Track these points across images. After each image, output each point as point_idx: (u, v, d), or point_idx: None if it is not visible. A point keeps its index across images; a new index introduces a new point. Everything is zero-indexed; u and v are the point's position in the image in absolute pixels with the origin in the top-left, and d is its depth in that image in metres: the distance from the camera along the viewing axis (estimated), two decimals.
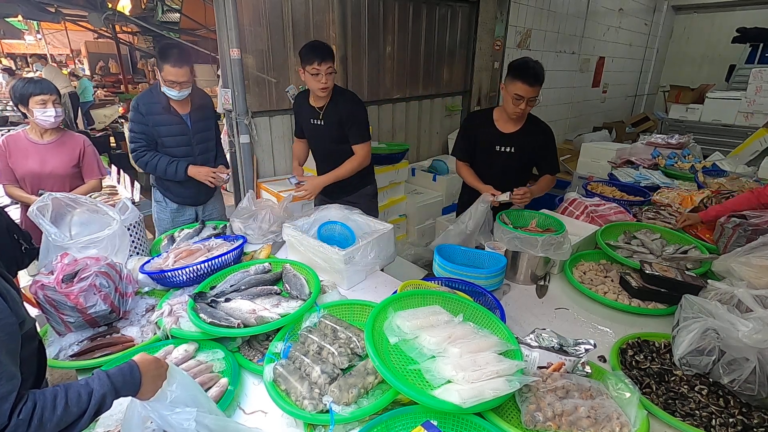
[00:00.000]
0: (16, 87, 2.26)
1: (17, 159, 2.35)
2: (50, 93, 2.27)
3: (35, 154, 2.37)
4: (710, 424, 1.17)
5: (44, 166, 2.37)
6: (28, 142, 2.37)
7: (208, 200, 2.69)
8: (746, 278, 1.58)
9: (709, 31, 9.35)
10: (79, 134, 2.58)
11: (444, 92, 5.26)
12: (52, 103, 2.28)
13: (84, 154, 2.50)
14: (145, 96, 2.35)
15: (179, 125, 2.37)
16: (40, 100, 2.24)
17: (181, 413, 0.93)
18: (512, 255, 1.94)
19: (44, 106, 2.26)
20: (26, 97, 2.23)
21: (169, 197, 2.57)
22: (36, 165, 2.36)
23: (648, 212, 2.55)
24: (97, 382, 0.89)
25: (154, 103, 2.31)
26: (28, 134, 2.39)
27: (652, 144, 4.16)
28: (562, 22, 6.57)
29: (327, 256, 1.83)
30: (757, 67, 5.64)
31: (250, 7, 3.26)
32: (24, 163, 2.36)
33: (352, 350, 1.33)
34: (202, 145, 2.48)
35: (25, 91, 2.23)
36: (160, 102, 2.30)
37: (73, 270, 1.46)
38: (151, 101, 2.31)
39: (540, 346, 1.26)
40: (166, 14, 6.64)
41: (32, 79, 2.29)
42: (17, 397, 0.81)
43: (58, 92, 2.34)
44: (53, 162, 2.39)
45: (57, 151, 2.41)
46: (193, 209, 2.66)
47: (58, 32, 11.89)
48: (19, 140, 2.37)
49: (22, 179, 2.39)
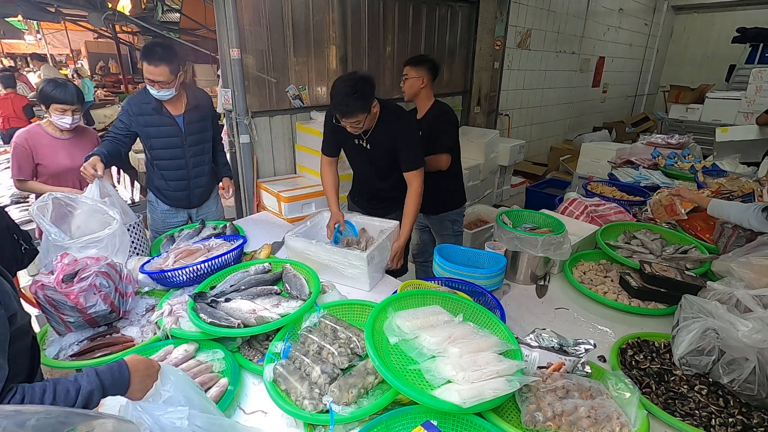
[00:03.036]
0: (44, 89, 2.25)
1: (45, 155, 2.33)
2: (72, 103, 2.27)
3: (61, 148, 2.36)
4: (710, 424, 1.17)
5: (74, 161, 2.32)
6: (50, 138, 2.35)
7: (203, 203, 2.63)
8: (746, 278, 1.57)
9: (709, 31, 9.35)
10: (90, 129, 2.58)
11: (444, 92, 5.25)
12: (72, 112, 2.29)
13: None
14: (136, 96, 2.32)
15: (170, 127, 2.32)
16: (60, 108, 2.25)
17: (173, 412, 0.93)
18: (512, 255, 1.94)
19: (63, 113, 2.27)
20: (49, 101, 2.24)
21: (161, 198, 2.53)
22: (67, 160, 2.36)
23: (648, 212, 2.55)
24: (86, 379, 0.90)
25: (145, 104, 2.27)
26: (46, 129, 2.36)
27: (652, 144, 4.16)
28: (562, 22, 6.57)
29: (349, 262, 1.82)
30: (757, 67, 5.65)
31: (250, 7, 3.26)
32: (54, 159, 2.34)
33: (352, 350, 1.33)
34: (197, 147, 2.43)
35: (50, 96, 2.23)
36: (150, 103, 2.26)
37: (73, 270, 1.46)
38: (142, 101, 2.28)
39: (540, 346, 1.27)
40: (166, 14, 6.63)
41: (59, 85, 2.26)
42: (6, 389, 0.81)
43: (80, 101, 2.33)
44: (80, 156, 2.31)
45: (79, 145, 2.41)
46: (186, 212, 2.61)
47: (58, 32, 11.87)
48: (39, 136, 2.34)
49: (56, 175, 2.36)
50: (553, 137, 7.59)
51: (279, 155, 3.77)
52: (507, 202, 5.54)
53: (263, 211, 3.46)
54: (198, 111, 2.40)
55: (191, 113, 2.37)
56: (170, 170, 2.43)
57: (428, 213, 2.76)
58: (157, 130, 2.31)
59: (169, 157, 2.39)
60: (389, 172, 2.29)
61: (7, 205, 2.84)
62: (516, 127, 6.42)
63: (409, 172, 2.17)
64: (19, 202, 3.02)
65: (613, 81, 8.75)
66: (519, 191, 5.71)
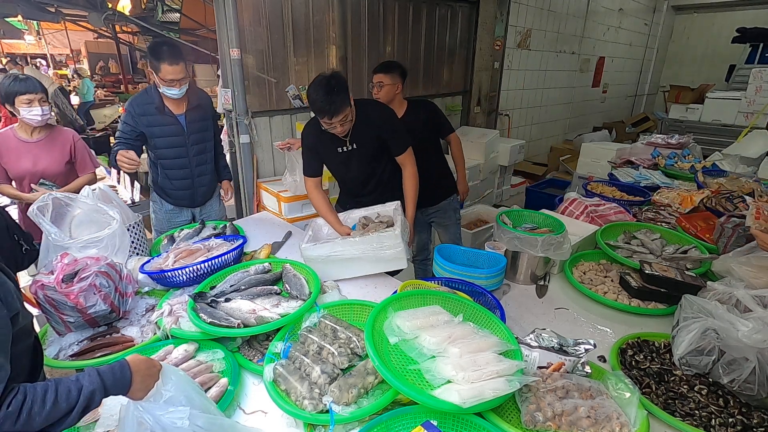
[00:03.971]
0: (2, 85, 2.20)
1: (9, 159, 2.31)
2: (35, 92, 2.20)
3: (26, 153, 2.32)
4: (710, 424, 1.17)
5: (37, 165, 2.32)
6: (18, 141, 2.31)
7: (206, 202, 2.65)
8: (746, 278, 1.57)
9: (709, 31, 9.36)
10: (67, 129, 2.52)
11: (444, 92, 5.26)
12: (38, 102, 2.22)
13: (75, 149, 2.44)
14: (139, 97, 2.33)
15: (173, 126, 2.33)
16: (25, 99, 2.18)
17: (174, 412, 0.93)
18: (512, 255, 1.94)
19: (30, 105, 2.20)
20: (12, 96, 2.18)
21: (165, 198, 2.54)
22: (29, 164, 2.32)
23: (648, 212, 2.55)
24: (87, 378, 0.90)
25: (147, 104, 2.28)
26: (17, 132, 2.32)
27: (652, 144, 4.15)
28: (562, 22, 6.57)
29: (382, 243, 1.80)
30: (757, 67, 5.65)
31: (250, 7, 3.26)
32: (16, 163, 2.31)
33: (352, 350, 1.33)
34: (199, 145, 2.44)
35: (11, 89, 2.17)
36: (153, 102, 2.27)
37: (73, 270, 1.46)
38: (144, 102, 2.29)
39: (540, 346, 1.26)
40: (166, 14, 6.63)
41: (17, 77, 2.22)
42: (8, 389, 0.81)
43: (44, 90, 2.27)
44: (46, 160, 2.35)
45: (48, 148, 2.36)
46: (190, 211, 2.62)
47: (58, 32, 11.88)
48: (8, 139, 2.31)
49: (17, 179, 2.35)
50: (553, 137, 7.60)
51: (279, 155, 3.77)
52: (507, 202, 5.54)
53: (263, 211, 3.46)
54: (199, 110, 2.41)
55: (193, 112, 2.38)
56: (174, 169, 2.45)
57: (429, 205, 2.79)
58: (161, 130, 2.32)
59: (173, 156, 2.40)
60: (377, 167, 2.27)
61: (6, 206, 2.83)
62: (516, 127, 6.42)
63: (401, 155, 2.21)
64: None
65: (613, 81, 8.75)
66: (519, 191, 5.71)
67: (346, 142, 2.15)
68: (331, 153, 2.20)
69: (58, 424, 0.85)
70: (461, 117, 5.56)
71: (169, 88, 2.18)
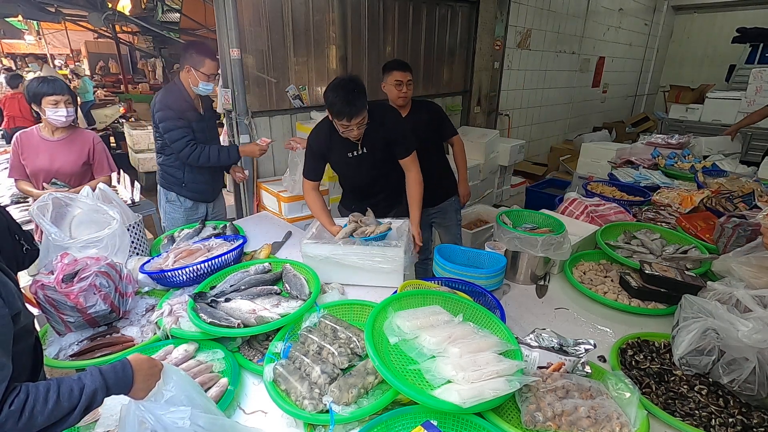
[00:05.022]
0: (30, 86, 2.29)
1: (28, 155, 2.39)
2: (62, 93, 2.30)
3: (45, 151, 2.40)
4: (710, 424, 1.17)
5: (53, 163, 2.40)
6: (39, 139, 2.41)
7: (216, 197, 2.77)
8: (746, 278, 1.57)
9: (709, 31, 9.36)
10: (89, 131, 2.62)
11: (444, 92, 5.26)
12: (64, 104, 2.31)
13: (94, 151, 2.52)
14: (168, 97, 2.38)
15: (202, 122, 2.49)
16: (52, 101, 2.27)
17: (175, 412, 0.93)
18: (512, 255, 1.94)
19: (56, 106, 2.29)
20: (39, 96, 2.26)
21: (185, 195, 2.61)
22: (45, 162, 2.40)
23: (648, 212, 2.55)
24: (89, 378, 0.90)
25: (181, 101, 2.39)
26: (40, 131, 2.42)
27: (652, 144, 4.15)
28: (562, 22, 6.57)
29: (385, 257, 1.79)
30: (757, 67, 5.65)
31: (250, 7, 3.26)
32: (34, 160, 2.39)
33: (352, 350, 1.33)
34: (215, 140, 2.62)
35: (39, 90, 2.26)
36: (186, 100, 2.39)
37: (73, 270, 1.46)
38: (177, 99, 2.38)
39: (540, 346, 1.26)
40: (166, 14, 6.64)
41: (46, 79, 2.32)
42: (10, 388, 0.81)
43: (71, 92, 2.36)
44: (62, 159, 2.42)
45: (66, 148, 2.44)
46: (204, 206, 2.72)
47: (58, 32, 11.88)
48: (31, 137, 2.42)
49: (33, 175, 2.42)
50: (553, 137, 7.59)
51: (279, 155, 3.77)
52: (507, 202, 5.54)
53: (263, 211, 3.46)
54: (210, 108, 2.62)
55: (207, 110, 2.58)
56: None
57: (431, 205, 2.78)
58: (199, 125, 2.46)
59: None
60: (387, 172, 2.27)
61: (7, 205, 2.84)
62: (516, 127, 6.42)
63: (406, 158, 2.19)
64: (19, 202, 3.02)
65: (613, 81, 8.75)
66: (519, 191, 5.71)
67: (358, 146, 2.13)
68: (341, 158, 2.18)
69: (60, 423, 0.85)
70: (461, 117, 5.56)
71: (206, 83, 2.32)
